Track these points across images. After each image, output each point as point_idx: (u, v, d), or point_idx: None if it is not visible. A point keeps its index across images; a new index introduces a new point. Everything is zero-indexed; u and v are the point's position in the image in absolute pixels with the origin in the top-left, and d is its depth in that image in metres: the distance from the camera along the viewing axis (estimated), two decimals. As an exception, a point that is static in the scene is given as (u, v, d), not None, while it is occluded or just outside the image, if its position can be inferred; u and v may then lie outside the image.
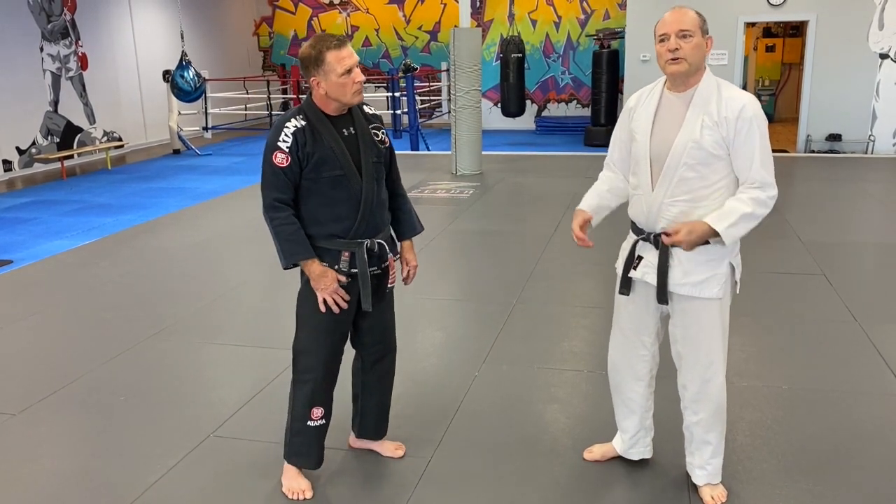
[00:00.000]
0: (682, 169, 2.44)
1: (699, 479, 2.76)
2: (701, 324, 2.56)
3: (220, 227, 7.27)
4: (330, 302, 2.66)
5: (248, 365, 4.04)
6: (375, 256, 2.74)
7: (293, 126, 2.59)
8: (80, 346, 4.38)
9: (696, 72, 2.44)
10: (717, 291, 2.51)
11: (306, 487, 2.83)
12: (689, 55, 2.39)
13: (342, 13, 16.79)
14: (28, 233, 7.66)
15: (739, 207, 2.39)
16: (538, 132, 15.15)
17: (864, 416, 3.34)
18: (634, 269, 2.62)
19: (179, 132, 13.14)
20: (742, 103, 2.40)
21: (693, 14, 2.43)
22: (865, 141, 11.05)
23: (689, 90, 2.47)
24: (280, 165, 2.57)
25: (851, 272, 5.41)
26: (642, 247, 2.61)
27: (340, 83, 2.56)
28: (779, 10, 11.11)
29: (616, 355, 2.82)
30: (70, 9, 12.32)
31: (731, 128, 2.39)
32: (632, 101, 2.66)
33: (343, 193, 2.63)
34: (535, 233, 6.54)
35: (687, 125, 2.44)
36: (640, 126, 2.56)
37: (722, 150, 2.41)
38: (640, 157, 2.55)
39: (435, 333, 4.46)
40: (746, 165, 2.41)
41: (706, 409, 2.65)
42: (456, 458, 3.08)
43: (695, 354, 2.60)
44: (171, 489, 2.92)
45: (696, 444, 2.74)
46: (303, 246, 2.61)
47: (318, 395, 2.77)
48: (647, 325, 2.70)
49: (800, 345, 4.16)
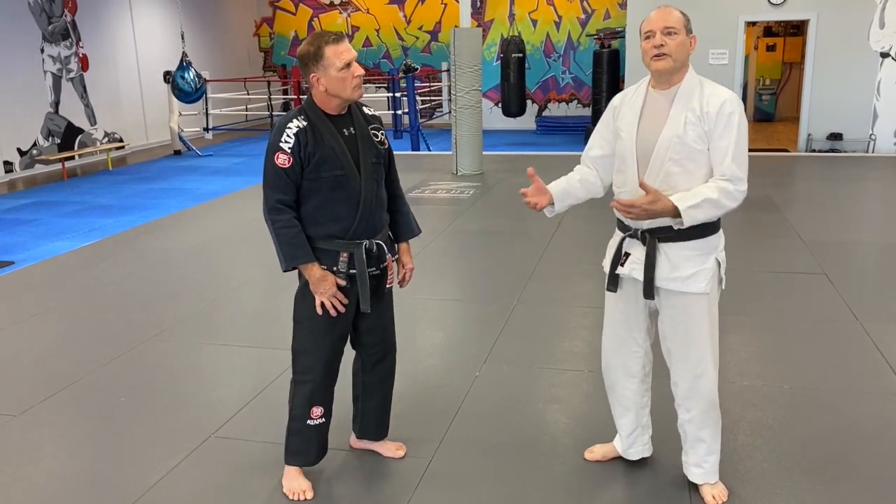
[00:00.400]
0: (667, 164, 2.48)
1: (696, 477, 2.76)
2: (690, 319, 2.58)
3: (221, 227, 7.27)
4: (328, 305, 2.66)
5: (249, 365, 4.05)
6: (374, 257, 2.74)
7: (295, 126, 2.59)
8: (82, 348, 4.38)
9: (680, 69, 2.49)
10: (704, 286, 2.53)
11: (307, 487, 2.83)
12: (673, 52, 2.44)
13: (342, 13, 16.80)
14: (29, 234, 7.67)
15: (705, 192, 2.42)
16: (539, 132, 15.16)
17: (865, 416, 3.34)
18: (622, 266, 2.65)
19: (180, 133, 13.15)
20: (723, 99, 2.45)
21: (678, 13, 2.48)
22: (866, 140, 11.04)
23: (673, 87, 2.52)
24: (282, 166, 2.57)
25: (852, 271, 5.41)
26: (629, 243, 2.64)
27: (340, 78, 2.56)
28: (779, 10, 11.10)
29: (608, 354, 2.84)
30: (70, 10, 12.33)
31: (712, 122, 2.44)
32: (616, 100, 2.71)
33: (342, 194, 2.63)
34: (535, 233, 6.54)
35: (671, 121, 2.48)
36: (625, 124, 2.60)
37: (704, 145, 2.46)
38: (625, 155, 2.59)
39: (436, 334, 4.46)
40: (720, 158, 2.44)
41: (698, 406, 2.66)
42: (457, 459, 3.08)
43: (685, 350, 2.62)
44: (172, 490, 2.92)
45: (690, 443, 2.75)
46: (303, 250, 2.61)
47: (317, 395, 2.77)
48: (638, 322, 2.72)
49: (801, 344, 4.15)
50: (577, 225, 6.63)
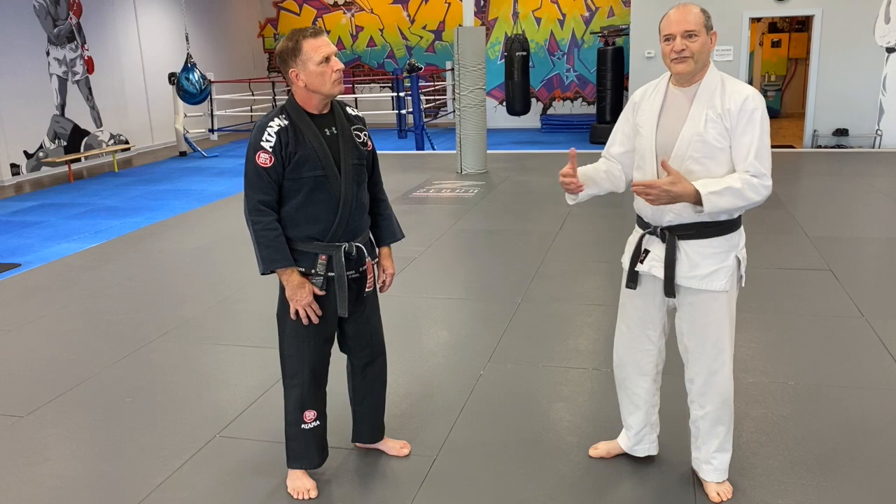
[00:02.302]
0: (687, 162, 2.46)
1: (706, 474, 2.75)
2: (708, 316, 2.56)
3: (227, 228, 7.29)
4: (302, 314, 2.63)
5: (254, 366, 4.06)
6: (353, 260, 2.70)
7: (276, 125, 2.56)
8: (88, 349, 4.40)
9: (701, 68, 2.47)
10: (724, 284, 2.52)
11: (311, 487, 2.84)
12: (695, 54, 2.42)
13: (346, 14, 16.81)
14: (36, 236, 7.70)
15: (728, 181, 2.40)
16: (543, 130, 15.13)
17: (870, 412, 3.32)
18: (641, 263, 2.63)
19: (185, 134, 13.18)
20: (745, 96, 2.42)
21: (697, 11, 2.44)
22: (872, 135, 11.00)
23: (694, 85, 2.49)
24: (264, 166, 2.54)
25: (858, 267, 5.39)
26: (649, 240, 2.62)
27: (319, 72, 2.51)
28: (784, 5, 11.06)
29: (621, 350, 2.83)
30: (76, 13, 12.38)
31: (734, 119, 2.41)
32: (636, 95, 2.68)
33: (322, 195, 2.59)
34: (540, 231, 6.53)
35: (691, 119, 2.46)
36: (645, 120, 2.58)
37: (725, 143, 2.43)
38: (645, 151, 2.56)
39: (440, 332, 4.46)
40: (743, 155, 2.42)
41: (713, 402, 2.65)
42: (461, 457, 3.08)
43: (701, 346, 2.60)
44: (178, 489, 2.93)
45: (702, 439, 2.73)
46: (282, 254, 2.57)
47: (307, 399, 2.76)
48: (654, 320, 2.70)
49: (806, 340, 4.14)
50: (581, 223, 6.62)
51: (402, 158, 10.92)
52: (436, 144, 12.65)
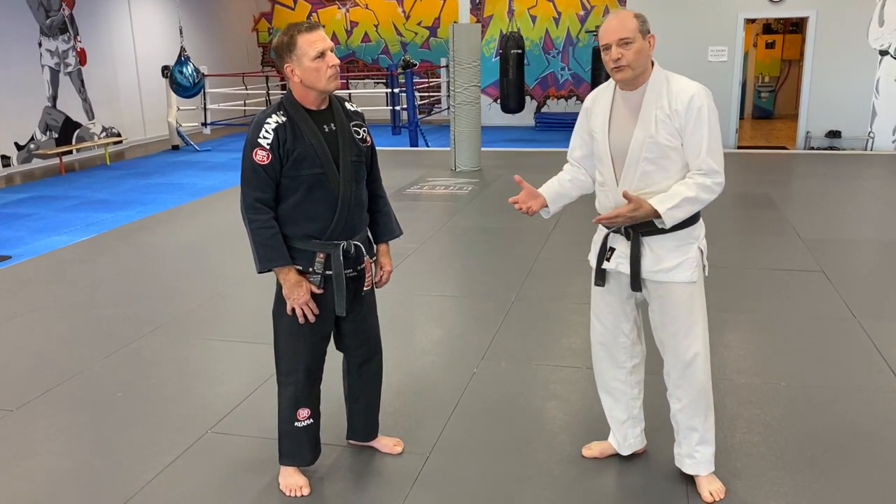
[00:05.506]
0: (642, 163, 2.53)
1: (688, 468, 2.78)
2: (677, 308, 2.62)
3: (219, 223, 7.26)
4: (298, 313, 2.61)
5: (246, 361, 4.04)
6: (351, 259, 2.68)
7: (274, 122, 2.52)
8: (78, 343, 4.37)
9: (642, 72, 2.52)
10: (689, 275, 2.59)
11: (303, 484, 2.83)
12: (631, 62, 2.46)
13: (341, 8, 16.77)
14: (26, 228, 7.66)
15: (683, 191, 2.48)
16: (537, 128, 15.14)
17: (862, 413, 3.34)
18: (607, 261, 2.69)
19: (178, 128, 13.12)
20: (690, 94, 2.48)
21: (631, 18, 2.48)
22: (865, 138, 11.04)
23: (641, 87, 2.55)
24: (261, 163, 2.50)
25: (850, 269, 5.41)
26: (613, 238, 2.68)
27: (314, 67, 2.48)
28: (778, 7, 11.09)
29: (597, 346, 2.89)
30: (68, 4, 12.29)
31: (682, 119, 2.47)
32: (588, 101, 2.76)
33: (321, 192, 2.56)
34: (533, 229, 6.53)
35: (642, 121, 2.52)
36: (597, 125, 2.65)
37: (677, 142, 2.50)
38: (601, 155, 2.64)
39: (433, 330, 4.46)
40: (695, 153, 2.49)
41: (689, 394, 2.68)
42: (454, 455, 3.08)
43: (675, 339, 2.66)
44: (169, 485, 2.91)
45: (682, 433, 2.77)
46: (279, 252, 2.55)
47: (301, 397, 2.75)
48: (625, 313, 2.77)
49: (798, 342, 4.15)
50: (574, 222, 6.62)
51: (395, 155, 10.88)
52: (430, 141, 12.64)
